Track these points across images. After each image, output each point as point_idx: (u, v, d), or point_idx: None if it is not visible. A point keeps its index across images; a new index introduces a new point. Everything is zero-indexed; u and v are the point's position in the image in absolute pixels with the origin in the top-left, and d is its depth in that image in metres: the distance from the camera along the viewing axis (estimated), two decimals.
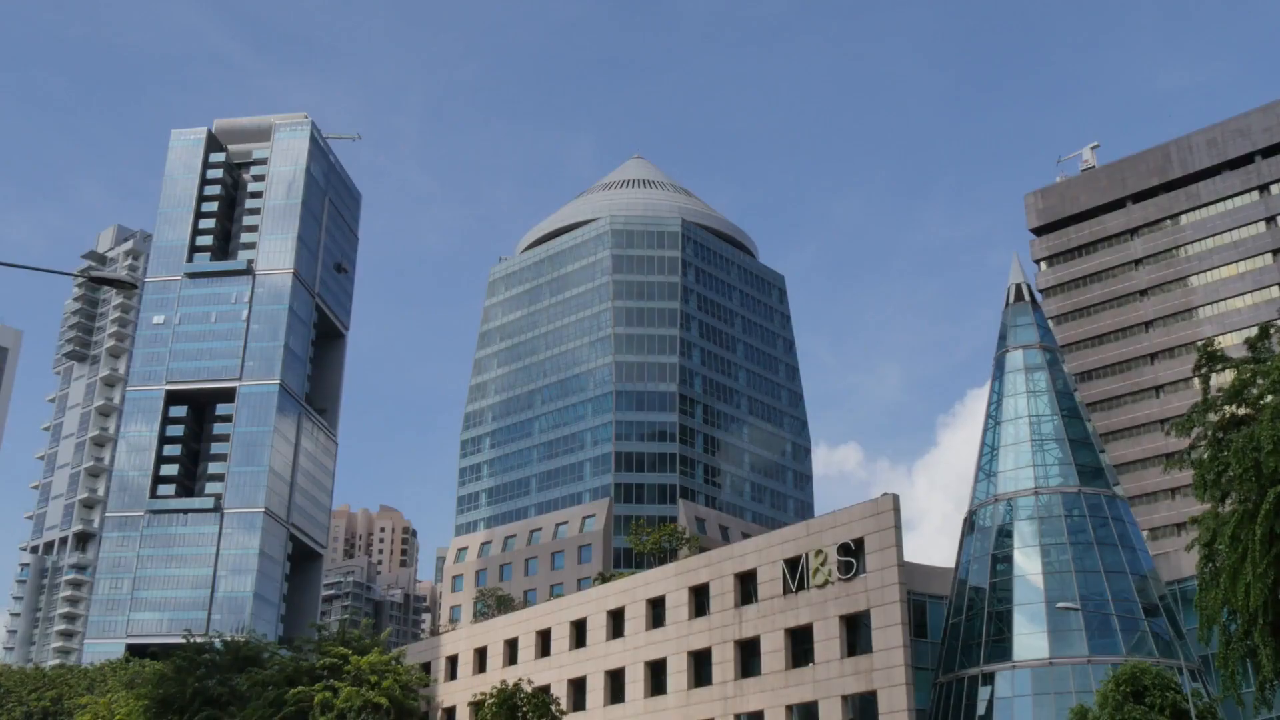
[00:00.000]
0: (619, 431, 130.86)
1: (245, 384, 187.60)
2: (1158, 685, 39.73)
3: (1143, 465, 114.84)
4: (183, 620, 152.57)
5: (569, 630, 77.47)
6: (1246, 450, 31.49)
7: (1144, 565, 63.10)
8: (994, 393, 69.52)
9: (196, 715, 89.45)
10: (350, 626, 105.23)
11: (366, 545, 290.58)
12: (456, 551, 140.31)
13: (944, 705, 61.61)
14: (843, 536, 62.61)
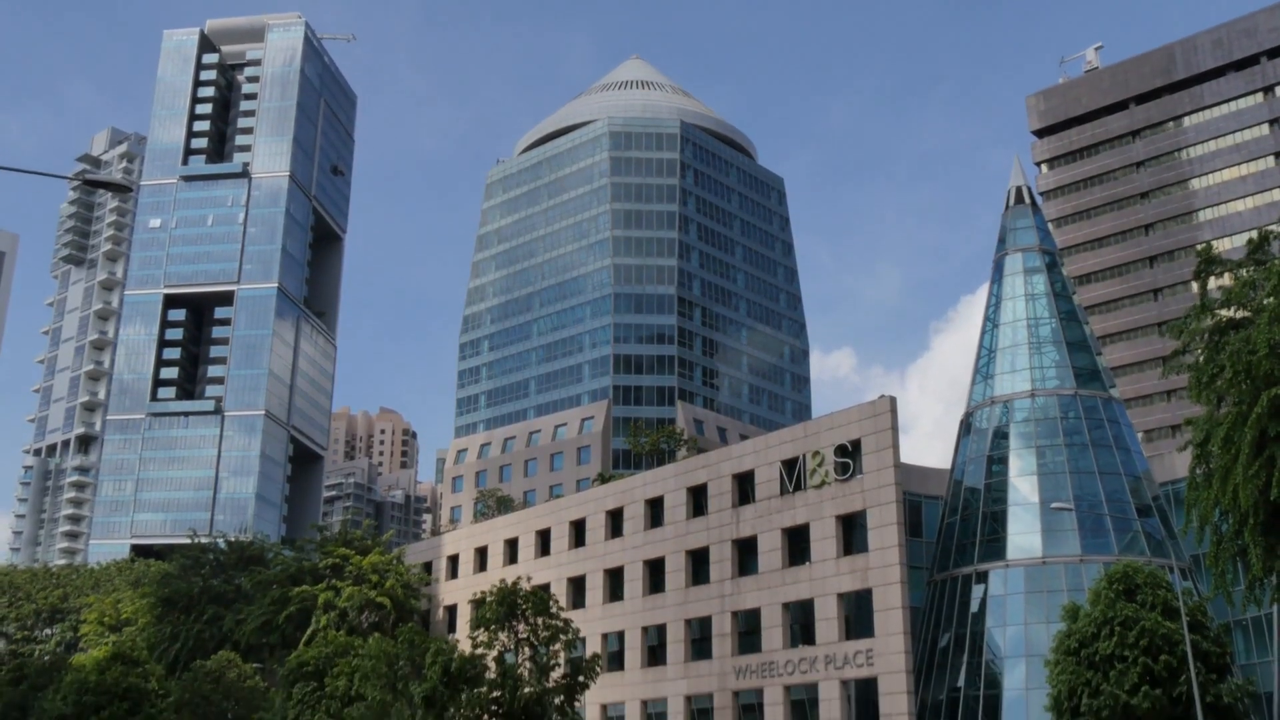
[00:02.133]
0: (617, 334, 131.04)
1: (243, 287, 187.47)
2: (1149, 584, 40.33)
3: (1139, 368, 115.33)
4: (186, 521, 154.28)
5: (568, 530, 78.39)
6: (1242, 353, 31.61)
7: (1138, 466, 63.71)
8: (992, 296, 69.57)
9: (202, 614, 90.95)
10: (352, 527, 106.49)
11: (367, 447, 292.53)
12: (456, 453, 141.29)
13: (938, 603, 62.59)
14: (840, 438, 63.09)
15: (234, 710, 65.99)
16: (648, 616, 71.15)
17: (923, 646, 61.54)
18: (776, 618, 64.11)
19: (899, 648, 58.14)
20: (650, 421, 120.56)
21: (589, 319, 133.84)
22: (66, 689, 73.67)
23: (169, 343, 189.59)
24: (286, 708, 59.00)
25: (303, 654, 61.48)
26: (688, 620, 69.05)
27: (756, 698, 64.41)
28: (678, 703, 68.14)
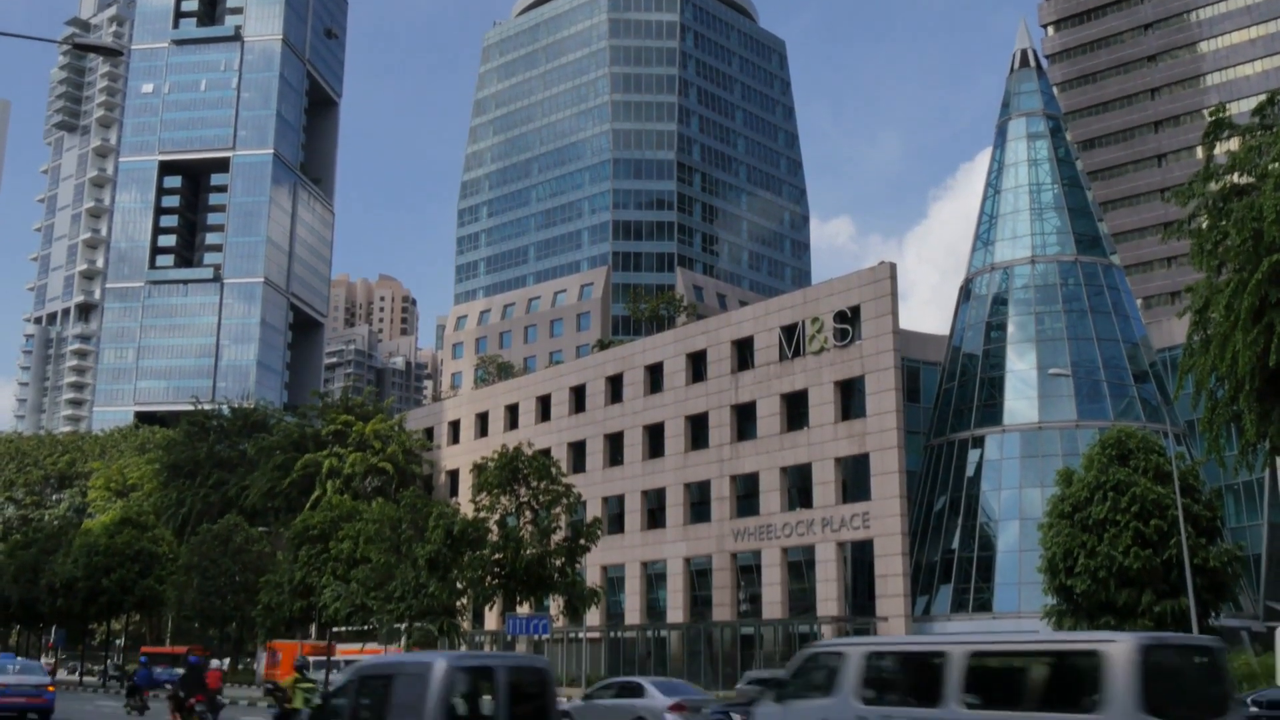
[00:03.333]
0: (617, 200, 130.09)
1: (239, 154, 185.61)
2: (1143, 449, 40.72)
3: (1140, 234, 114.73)
4: (188, 388, 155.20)
5: (569, 396, 78.96)
6: (1246, 219, 31.38)
7: (1136, 333, 63.92)
8: (995, 160, 68.99)
9: (207, 479, 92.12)
10: (353, 394, 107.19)
11: (367, 314, 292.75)
12: (456, 319, 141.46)
13: (934, 467, 63.38)
14: (839, 304, 63.15)
15: (241, 573, 67.21)
16: (647, 480, 72.09)
17: (918, 510, 62.49)
18: (774, 481, 64.98)
19: (895, 511, 59.04)
20: (650, 288, 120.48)
21: (588, 185, 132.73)
22: (77, 552, 75.09)
23: (166, 210, 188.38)
24: (293, 570, 60.10)
25: (308, 518, 62.40)
26: (687, 484, 69.98)
27: (754, 559, 65.61)
28: (677, 564, 69.45)
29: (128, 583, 73.54)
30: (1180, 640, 14.67)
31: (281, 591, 60.75)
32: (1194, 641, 14.96)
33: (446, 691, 12.49)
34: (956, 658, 12.85)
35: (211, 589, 66.50)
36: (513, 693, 13.35)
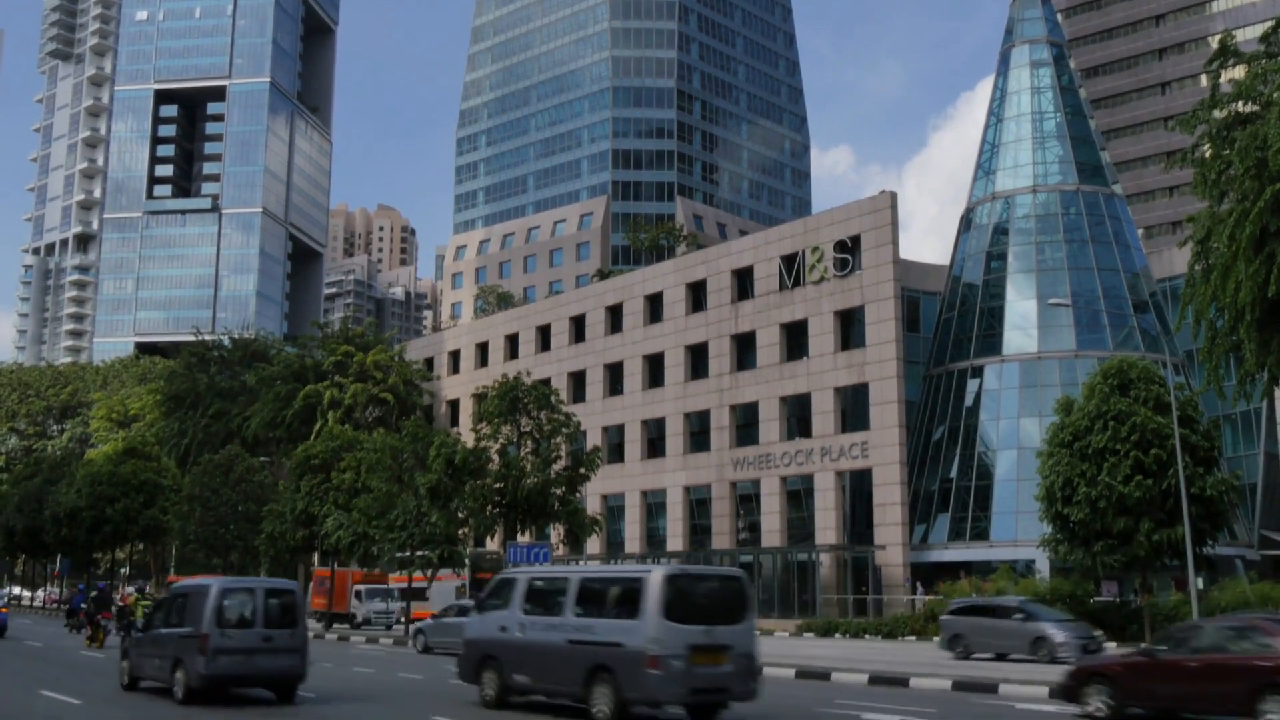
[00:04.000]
0: (616, 129, 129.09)
1: (235, 82, 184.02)
2: (1142, 379, 40.75)
3: (1143, 164, 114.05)
4: (188, 319, 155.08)
5: (568, 326, 79.00)
6: (1250, 148, 31.13)
7: (1136, 263, 63.81)
8: (997, 89, 68.45)
9: (208, 409, 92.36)
10: (353, 325, 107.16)
11: (365, 244, 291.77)
12: (455, 249, 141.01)
13: (933, 397, 63.58)
14: (839, 234, 62.97)
15: (243, 503, 67.58)
16: (647, 410, 72.33)
17: (917, 439, 62.77)
18: (774, 411, 65.19)
19: (893, 440, 59.30)
20: (649, 217, 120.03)
21: (587, 113, 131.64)
22: (80, 482, 75.47)
23: (162, 139, 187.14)
24: (295, 499, 60.41)
25: (309, 448, 62.55)
26: (686, 414, 70.23)
27: (753, 488, 66.02)
28: (676, 493, 69.89)
29: (132, 512, 74.00)
30: (697, 571, 21.31)
31: (284, 521, 61.07)
32: (709, 572, 22.62)
33: (218, 603, 20.85)
34: (573, 583, 19.44)
35: (214, 519, 66.88)
36: (267, 602, 21.31)
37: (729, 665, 17.71)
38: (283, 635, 20.94)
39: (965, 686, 24.65)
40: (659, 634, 17.20)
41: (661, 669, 17.04)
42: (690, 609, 17.80)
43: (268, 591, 21.55)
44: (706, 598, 18.50)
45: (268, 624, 20.88)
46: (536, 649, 19.20)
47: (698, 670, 17.40)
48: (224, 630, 20.40)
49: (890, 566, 58.62)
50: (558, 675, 18.86)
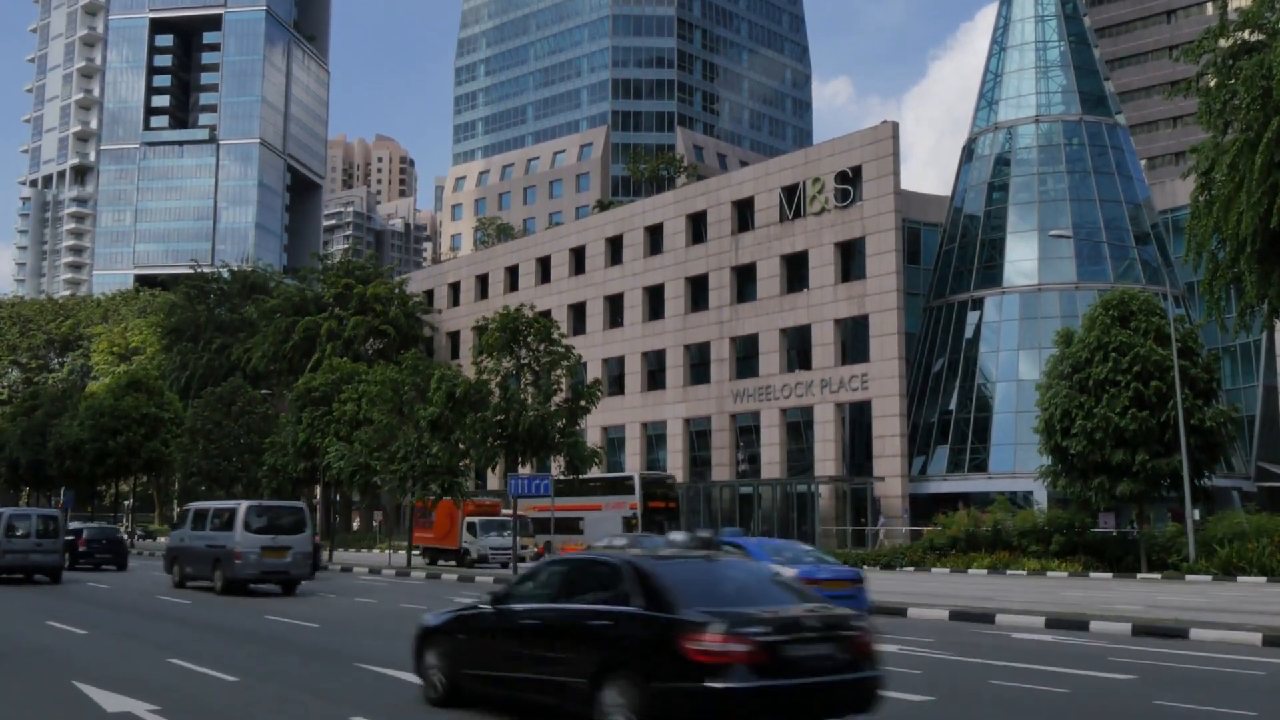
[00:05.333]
0: (616, 58, 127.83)
1: (231, 10, 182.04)
2: (1143, 310, 40.74)
3: (1146, 93, 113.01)
4: (187, 251, 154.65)
5: (568, 258, 78.81)
6: (1255, 78, 30.86)
7: (1139, 194, 63.48)
8: (1001, 16, 67.69)
9: (210, 343, 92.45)
10: (354, 257, 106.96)
11: (364, 176, 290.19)
12: (455, 181, 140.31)
13: (933, 328, 63.56)
14: (840, 164, 62.60)
15: (245, 435, 67.86)
16: (647, 342, 72.37)
17: (917, 371, 62.85)
18: (774, 343, 65.22)
19: (893, 372, 59.39)
20: (649, 148, 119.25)
21: (587, 42, 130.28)
22: (83, 415, 75.75)
23: (158, 70, 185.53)
24: (296, 431, 60.64)
25: (309, 380, 62.71)
26: (687, 346, 70.29)
27: (753, 420, 66.23)
28: (676, 425, 70.12)
29: (134, 445, 74.35)
30: (269, 503, 32.71)
31: (285, 453, 61.38)
32: (278, 504, 33.05)
33: (6, 528, 32.35)
34: (210, 510, 31.71)
35: (217, 451, 67.20)
36: (38, 525, 33.32)
37: (289, 559, 29.60)
38: (47, 542, 33.31)
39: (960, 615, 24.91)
40: (241, 540, 29.32)
41: (242, 560, 29.10)
42: (263, 526, 29.70)
43: (40, 518, 34.28)
44: (274, 519, 30.21)
45: (40, 535, 33.41)
46: (193, 550, 31.26)
47: (266, 561, 29.36)
48: (10, 539, 32.76)
49: (889, 498, 58.98)
50: (199, 565, 30.79)
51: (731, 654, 9.02)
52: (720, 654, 9.02)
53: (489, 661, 11.38)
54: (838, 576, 20.84)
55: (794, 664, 9.27)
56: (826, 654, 9.58)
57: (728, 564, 10.96)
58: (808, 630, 9.63)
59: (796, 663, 9.30)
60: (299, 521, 30.57)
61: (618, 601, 10.01)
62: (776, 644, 9.23)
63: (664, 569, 10.17)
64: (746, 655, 9.03)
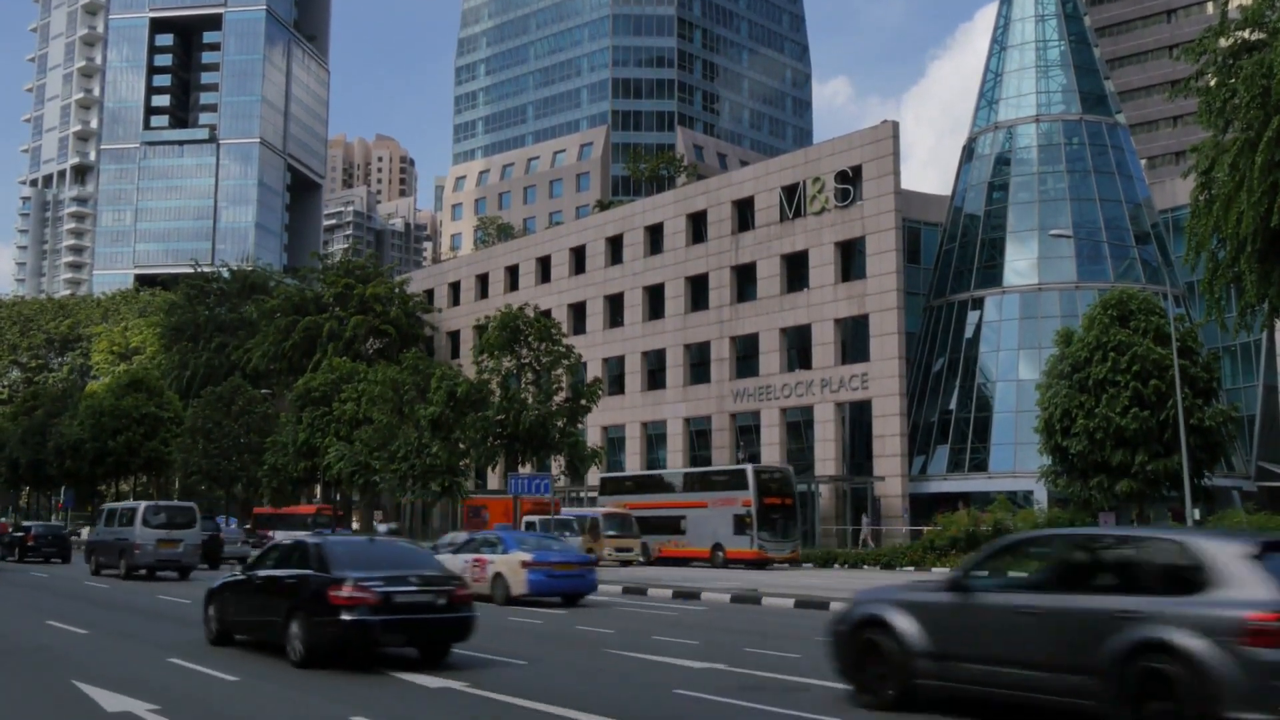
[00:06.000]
0: (616, 57, 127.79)
1: (231, 10, 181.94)
2: (1143, 310, 40.74)
3: (1146, 93, 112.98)
4: (187, 251, 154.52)
5: (569, 257, 78.80)
6: (1256, 77, 30.85)
7: (1139, 193, 63.46)
8: (1001, 15, 67.67)
9: (209, 342, 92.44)
10: (354, 256, 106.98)
11: (364, 175, 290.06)
12: (455, 180, 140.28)
13: (933, 328, 63.54)
14: (841, 164, 62.59)
15: (246, 435, 67.89)
16: (647, 342, 72.36)
17: (917, 371, 62.84)
18: (774, 342, 65.21)
19: (893, 372, 59.36)
20: (650, 147, 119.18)
21: (587, 41, 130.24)
22: (83, 415, 75.76)
23: (158, 69, 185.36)
24: (297, 431, 60.69)
25: (310, 380, 62.78)
26: (687, 345, 70.28)
27: (753, 419, 66.22)
28: (676, 424, 70.11)
29: (133, 444, 74.35)
30: (165, 504, 37.28)
31: (286, 452, 61.44)
32: (172, 504, 37.60)
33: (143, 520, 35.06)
34: (119, 509, 36.77)
35: (217, 450, 67.23)
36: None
37: (181, 549, 34.37)
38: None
39: None
40: (140, 534, 34.10)
41: (141, 550, 33.96)
42: (160, 522, 34.76)
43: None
44: (170, 517, 35.27)
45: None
46: (104, 543, 36.54)
47: (161, 551, 34.28)
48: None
49: (889, 498, 58.96)
50: (109, 555, 36.06)
51: (357, 599, 14.37)
52: (349, 599, 14.38)
53: (236, 610, 16.95)
54: (565, 560, 27.06)
55: (401, 606, 14.62)
56: (426, 600, 14.89)
57: (384, 544, 17.56)
58: (411, 585, 14.84)
59: (403, 605, 14.64)
60: (190, 519, 36.02)
61: (304, 567, 15.43)
62: (388, 593, 14.53)
63: (331, 545, 15.88)
64: (365, 599, 14.40)
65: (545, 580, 26.08)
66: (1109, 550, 11.01)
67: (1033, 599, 10.39)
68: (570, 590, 26.64)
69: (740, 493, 46.01)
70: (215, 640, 17.10)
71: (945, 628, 10.93)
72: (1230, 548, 9.57)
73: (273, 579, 16.20)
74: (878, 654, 11.35)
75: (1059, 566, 10.82)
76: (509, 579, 26.12)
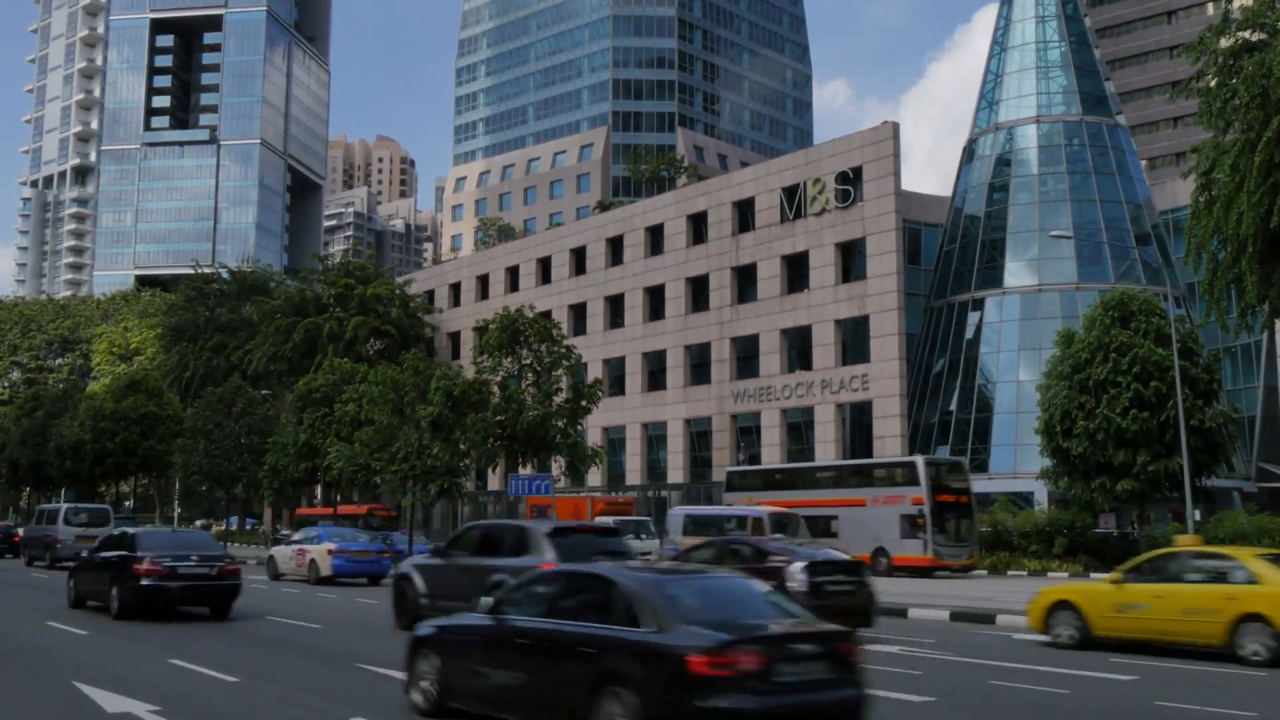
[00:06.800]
0: (616, 58, 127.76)
1: (231, 10, 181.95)
2: (1143, 311, 40.74)
3: (1147, 94, 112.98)
4: (188, 252, 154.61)
5: (569, 258, 78.79)
6: (1256, 77, 30.86)
7: (1139, 194, 63.47)
8: (1001, 17, 67.70)
9: (208, 343, 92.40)
10: (354, 257, 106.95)
11: (365, 176, 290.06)
12: (455, 181, 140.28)
13: (933, 329, 63.55)
14: (841, 165, 62.58)
15: (246, 436, 67.83)
16: (648, 343, 72.35)
17: (917, 372, 62.84)
18: (774, 343, 65.20)
19: (894, 373, 59.35)
20: (650, 148, 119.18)
21: (587, 42, 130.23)
22: (83, 416, 75.70)
23: (159, 70, 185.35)
24: (297, 432, 60.65)
25: (310, 381, 62.71)
26: (687, 346, 70.27)
27: (754, 420, 66.20)
28: (677, 425, 70.10)
29: (130, 444, 74.25)
30: (85, 505, 43.99)
31: (286, 453, 61.41)
32: (90, 506, 45.06)
33: None
34: (64, 509, 43.04)
35: (217, 451, 67.17)
36: None
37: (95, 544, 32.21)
38: None
39: None
40: (62, 530, 40.27)
41: (62, 544, 39.29)
42: (80, 521, 41.14)
43: None
44: (90, 516, 41.92)
45: None
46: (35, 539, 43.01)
47: (78, 546, 36.21)
48: None
49: None
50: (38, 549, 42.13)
51: (152, 570, 21.34)
52: (148, 570, 21.33)
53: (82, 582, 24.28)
54: (363, 549, 35.56)
55: (184, 575, 21.53)
56: (204, 571, 21.77)
57: (182, 533, 25.88)
58: (192, 560, 21.64)
59: (185, 574, 21.53)
60: (105, 519, 42.31)
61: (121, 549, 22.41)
62: (173, 566, 21.45)
63: (140, 534, 22.64)
64: (157, 570, 21.31)
65: (346, 564, 34.53)
66: (492, 530, 20.61)
67: (465, 560, 19.53)
68: (368, 572, 35.18)
69: (909, 489, 40.57)
70: (73, 604, 23.86)
71: (434, 580, 20.09)
72: (542, 527, 19.04)
73: (105, 559, 22.53)
74: (404, 595, 20.75)
75: (475, 541, 20.18)
76: (319, 563, 34.67)
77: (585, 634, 9.67)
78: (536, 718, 10.07)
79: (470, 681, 10.90)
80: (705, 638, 8.79)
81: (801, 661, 9.14)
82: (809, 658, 9.21)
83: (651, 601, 9.39)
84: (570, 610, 10.12)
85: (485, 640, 10.77)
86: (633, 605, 9.43)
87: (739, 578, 10.87)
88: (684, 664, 8.65)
